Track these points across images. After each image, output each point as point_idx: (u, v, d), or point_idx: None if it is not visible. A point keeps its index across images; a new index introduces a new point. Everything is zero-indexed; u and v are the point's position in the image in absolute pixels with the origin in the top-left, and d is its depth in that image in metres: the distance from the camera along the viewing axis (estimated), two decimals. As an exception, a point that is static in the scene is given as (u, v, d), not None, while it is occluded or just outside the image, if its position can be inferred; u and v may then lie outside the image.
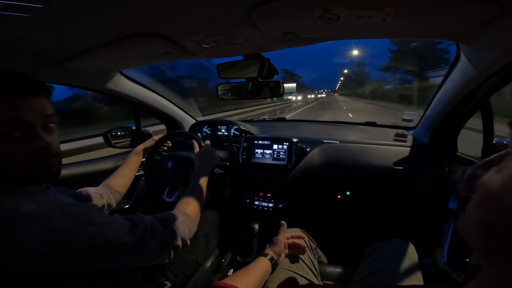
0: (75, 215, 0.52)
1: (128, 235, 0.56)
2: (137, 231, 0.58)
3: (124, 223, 0.58)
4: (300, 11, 0.55)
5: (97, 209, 0.57)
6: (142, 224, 0.60)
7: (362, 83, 51.85)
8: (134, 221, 0.60)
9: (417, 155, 1.19)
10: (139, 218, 0.62)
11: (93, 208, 0.57)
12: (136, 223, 0.60)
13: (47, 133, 0.53)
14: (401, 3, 0.50)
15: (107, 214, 0.58)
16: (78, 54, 0.80)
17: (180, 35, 0.70)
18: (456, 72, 0.89)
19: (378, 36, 0.72)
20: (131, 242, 0.56)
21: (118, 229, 0.55)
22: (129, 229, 0.57)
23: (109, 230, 0.54)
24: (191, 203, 0.78)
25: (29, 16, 0.53)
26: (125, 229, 0.56)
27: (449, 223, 0.88)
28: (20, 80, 0.51)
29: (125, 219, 0.59)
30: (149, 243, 0.59)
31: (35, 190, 0.56)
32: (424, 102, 12.78)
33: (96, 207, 0.58)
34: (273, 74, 0.95)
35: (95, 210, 0.56)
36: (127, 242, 0.55)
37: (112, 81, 1.14)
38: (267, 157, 1.33)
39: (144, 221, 0.62)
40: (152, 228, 0.61)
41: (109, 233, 0.53)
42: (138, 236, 0.57)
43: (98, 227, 0.52)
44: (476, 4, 0.48)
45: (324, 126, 1.77)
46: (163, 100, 1.49)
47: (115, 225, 0.55)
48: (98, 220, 0.54)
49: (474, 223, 0.26)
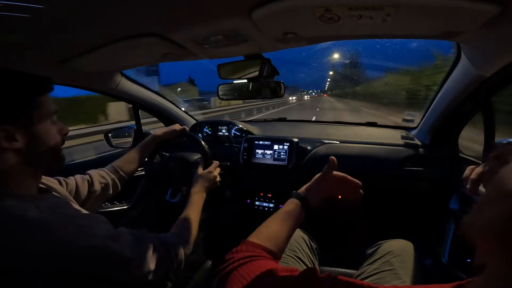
0: (79, 226, 0.52)
1: (130, 250, 0.56)
2: (139, 248, 0.58)
3: (128, 239, 0.57)
4: (301, 11, 0.55)
5: (102, 221, 0.58)
6: (145, 242, 0.60)
7: (356, 83, 51.31)
8: (138, 237, 0.60)
9: (417, 155, 1.19)
10: (143, 236, 0.62)
11: (99, 219, 0.57)
12: (140, 240, 0.60)
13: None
14: (401, 4, 0.50)
15: (111, 227, 0.58)
16: (78, 55, 0.80)
17: (181, 35, 0.70)
18: (457, 72, 0.89)
19: (379, 37, 0.72)
20: (132, 258, 0.55)
21: (121, 244, 0.55)
22: (131, 245, 0.57)
23: (111, 244, 0.53)
24: (187, 226, 0.78)
25: (29, 16, 0.54)
26: (127, 245, 0.56)
27: (450, 223, 0.88)
28: (42, 78, 0.58)
29: (129, 234, 0.59)
30: (148, 261, 0.59)
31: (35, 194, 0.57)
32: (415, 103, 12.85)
33: (101, 219, 0.58)
34: (274, 75, 0.95)
35: (99, 222, 0.57)
36: (128, 258, 0.55)
37: (112, 81, 1.14)
38: (267, 157, 1.33)
39: (148, 239, 0.62)
40: (153, 247, 0.61)
41: (110, 247, 0.53)
42: (138, 253, 0.57)
43: (100, 240, 0.52)
44: (476, 4, 0.48)
45: (325, 126, 1.77)
46: (164, 100, 1.49)
47: (117, 239, 0.55)
48: (101, 233, 0.54)
49: (493, 220, 0.26)
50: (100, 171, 0.88)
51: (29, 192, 0.55)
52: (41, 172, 0.60)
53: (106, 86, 1.14)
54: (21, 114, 0.52)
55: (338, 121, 1.81)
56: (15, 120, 0.51)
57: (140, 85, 1.32)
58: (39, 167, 0.58)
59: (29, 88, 0.55)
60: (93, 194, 0.82)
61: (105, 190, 0.86)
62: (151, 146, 1.02)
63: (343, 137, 1.38)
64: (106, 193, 0.86)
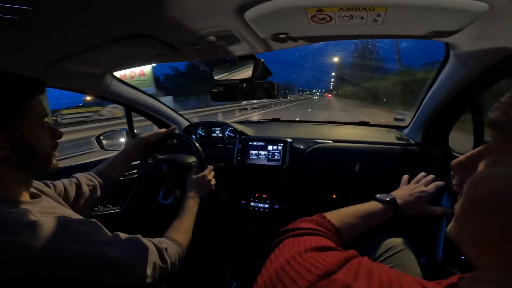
0: (74, 231, 0.51)
1: (125, 256, 0.55)
2: (134, 254, 0.58)
3: (123, 244, 0.57)
4: (292, 12, 0.55)
5: (97, 227, 0.57)
6: (140, 247, 0.60)
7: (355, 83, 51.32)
8: (133, 242, 0.60)
9: (409, 154, 1.21)
10: (138, 241, 0.62)
11: (93, 224, 0.57)
12: (135, 245, 0.60)
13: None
14: (391, 4, 0.51)
15: (106, 232, 0.58)
16: (68, 56, 0.78)
17: (173, 37, 0.70)
18: (446, 72, 0.90)
19: (370, 37, 0.73)
20: (127, 263, 0.55)
21: (116, 250, 0.55)
22: (127, 250, 0.57)
23: (106, 249, 0.53)
24: (181, 231, 0.78)
25: (18, 18, 0.52)
26: (123, 250, 0.56)
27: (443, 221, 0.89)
28: (31, 80, 0.56)
29: (124, 239, 0.59)
30: (143, 266, 0.58)
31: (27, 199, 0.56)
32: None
33: (96, 224, 0.57)
34: (267, 75, 0.95)
35: (94, 227, 0.56)
36: (123, 263, 0.55)
37: (103, 83, 1.13)
38: (262, 158, 1.33)
39: (143, 245, 0.61)
40: (149, 252, 0.61)
41: (105, 252, 0.53)
42: (134, 258, 0.57)
43: (95, 245, 0.52)
44: (465, 3, 0.49)
45: (318, 126, 1.78)
46: (156, 102, 1.48)
47: (113, 245, 0.55)
48: (96, 238, 0.53)
49: (470, 234, 0.26)
50: (86, 174, 0.87)
51: (20, 198, 0.54)
52: (31, 178, 0.58)
53: (96, 88, 1.12)
54: (6, 119, 0.50)
55: (331, 121, 1.83)
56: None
57: (132, 87, 1.30)
58: (28, 173, 0.56)
59: (15, 92, 0.52)
60: (81, 196, 0.81)
61: (93, 192, 0.85)
62: (138, 149, 1.01)
63: (336, 137, 1.39)
64: (95, 195, 0.85)
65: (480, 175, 0.27)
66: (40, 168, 0.58)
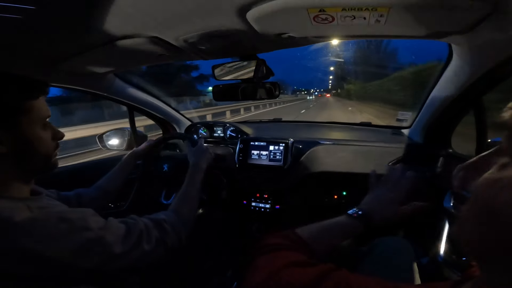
0: (71, 220, 0.51)
1: (124, 239, 0.56)
2: (133, 235, 0.58)
3: (120, 228, 0.58)
4: (295, 12, 0.55)
5: (92, 214, 0.57)
6: (137, 228, 0.60)
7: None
8: (129, 225, 0.60)
9: (411, 154, 1.20)
10: (134, 222, 0.62)
11: (88, 212, 0.57)
12: (131, 227, 0.60)
13: None
14: (394, 5, 0.51)
15: (102, 219, 0.58)
16: (71, 56, 0.79)
17: (175, 37, 0.70)
18: (448, 72, 0.90)
19: (373, 37, 0.73)
20: (127, 246, 0.56)
21: (114, 234, 0.55)
22: (124, 233, 0.57)
23: (105, 235, 0.54)
24: (186, 202, 0.79)
25: (21, 17, 0.53)
26: (120, 234, 0.57)
27: (444, 221, 0.89)
28: (35, 81, 0.57)
29: (120, 223, 0.59)
30: (145, 246, 0.59)
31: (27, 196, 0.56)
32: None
33: (91, 212, 0.58)
34: (269, 75, 0.95)
35: (90, 214, 0.56)
36: (123, 247, 0.55)
37: (106, 83, 1.13)
38: (263, 158, 1.33)
39: (139, 224, 0.62)
40: (147, 230, 0.61)
41: (105, 238, 0.53)
42: (133, 240, 0.58)
43: (94, 232, 0.52)
44: (468, 4, 0.49)
45: (320, 127, 1.78)
46: (158, 102, 1.48)
47: (110, 230, 0.56)
48: (94, 225, 0.54)
49: (473, 238, 0.26)
50: (88, 193, 0.90)
51: (20, 194, 0.54)
52: (32, 176, 0.59)
53: (99, 87, 1.13)
54: (7, 118, 0.51)
55: (333, 122, 1.82)
56: (0, 124, 0.50)
57: (135, 87, 1.31)
58: (29, 172, 0.57)
59: (18, 92, 0.53)
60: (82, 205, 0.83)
61: (93, 203, 0.87)
62: (130, 164, 1.05)
63: (338, 137, 1.38)
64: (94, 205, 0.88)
65: (490, 176, 0.26)
66: (40, 167, 0.58)
